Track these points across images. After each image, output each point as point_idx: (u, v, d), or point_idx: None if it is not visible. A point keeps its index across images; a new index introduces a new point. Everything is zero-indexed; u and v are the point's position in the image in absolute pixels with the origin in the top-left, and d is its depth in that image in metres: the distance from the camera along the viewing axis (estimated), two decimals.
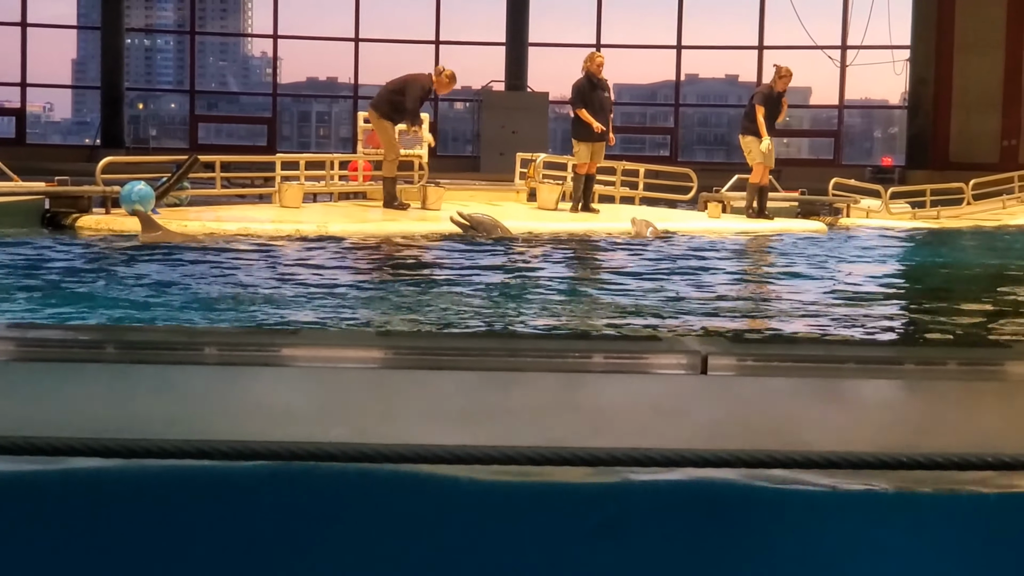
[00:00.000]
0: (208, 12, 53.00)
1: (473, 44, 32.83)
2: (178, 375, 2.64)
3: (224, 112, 36.50)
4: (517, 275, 10.95)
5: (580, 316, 8.62)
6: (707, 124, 43.14)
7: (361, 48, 32.38)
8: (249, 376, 2.67)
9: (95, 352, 2.79)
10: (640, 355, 2.83)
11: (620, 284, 10.51)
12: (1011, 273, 12.98)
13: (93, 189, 14.76)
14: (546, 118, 29.96)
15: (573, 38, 32.49)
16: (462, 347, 2.98)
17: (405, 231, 14.48)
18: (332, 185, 18.21)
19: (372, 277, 10.84)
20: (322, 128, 45.53)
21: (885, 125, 38.66)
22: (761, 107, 17.24)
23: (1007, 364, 2.92)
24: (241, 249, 12.24)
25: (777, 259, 13.33)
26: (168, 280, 9.74)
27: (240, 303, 8.60)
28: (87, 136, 32.44)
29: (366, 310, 8.53)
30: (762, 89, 17.82)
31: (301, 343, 2.91)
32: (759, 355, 2.87)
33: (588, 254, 13.78)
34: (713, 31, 47.41)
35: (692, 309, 8.98)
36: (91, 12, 34.06)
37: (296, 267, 11.03)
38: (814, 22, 33.70)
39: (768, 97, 17.41)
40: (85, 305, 8.40)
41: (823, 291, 10.37)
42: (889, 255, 15.02)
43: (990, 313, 9.46)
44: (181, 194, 16.18)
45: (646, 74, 39.82)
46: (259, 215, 15.23)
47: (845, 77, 31.40)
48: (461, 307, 8.69)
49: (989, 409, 2.58)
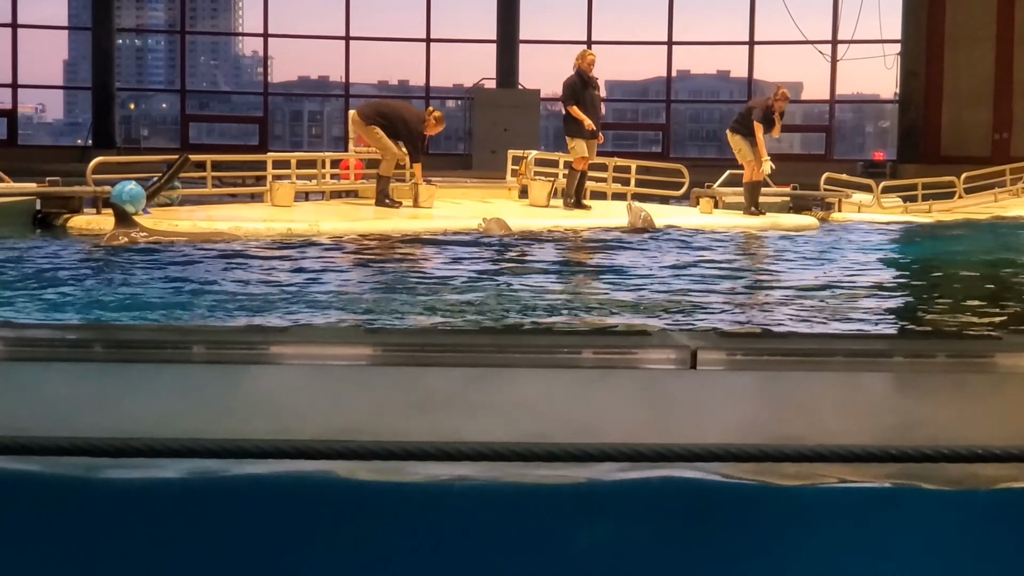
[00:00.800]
0: (199, 12, 52.92)
1: (464, 42, 32.82)
2: (166, 373, 2.64)
3: (215, 112, 36.46)
4: (507, 272, 10.94)
5: (570, 312, 8.62)
6: (699, 120, 43.19)
7: (352, 46, 32.39)
8: (237, 374, 2.66)
9: (83, 351, 2.78)
10: (630, 350, 2.83)
11: (610, 280, 10.52)
12: (1002, 266, 12.99)
13: (84, 190, 14.74)
14: (538, 115, 29.95)
15: (564, 35, 32.44)
16: (451, 343, 2.98)
17: (397, 229, 14.47)
18: (324, 184, 18.19)
19: (362, 275, 10.83)
20: (314, 127, 45.55)
21: (877, 119, 38.68)
22: (760, 125, 17.33)
23: (997, 356, 2.92)
24: (227, 248, 12.21)
25: (768, 254, 13.33)
26: (154, 279, 9.74)
27: (228, 301, 8.59)
28: (79, 137, 32.38)
29: (355, 307, 8.52)
30: (760, 104, 17.79)
31: (290, 340, 2.90)
32: (748, 349, 2.87)
33: (578, 250, 13.78)
34: (704, 27, 47.48)
35: (682, 304, 8.98)
36: (82, 13, 34.04)
37: (286, 265, 11.02)
38: (805, 17, 33.64)
39: (766, 115, 17.48)
40: (73, 304, 8.40)
41: (813, 285, 10.38)
42: (880, 249, 15.04)
43: (981, 306, 9.47)
44: (172, 194, 16.15)
45: (637, 71, 39.77)
46: (251, 214, 15.21)
47: (836, 72, 31.42)
48: (451, 303, 8.69)
49: (979, 401, 2.58)
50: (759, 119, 17.37)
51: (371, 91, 37.47)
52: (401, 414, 2.33)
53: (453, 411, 2.34)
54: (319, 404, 2.39)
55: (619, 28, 42.71)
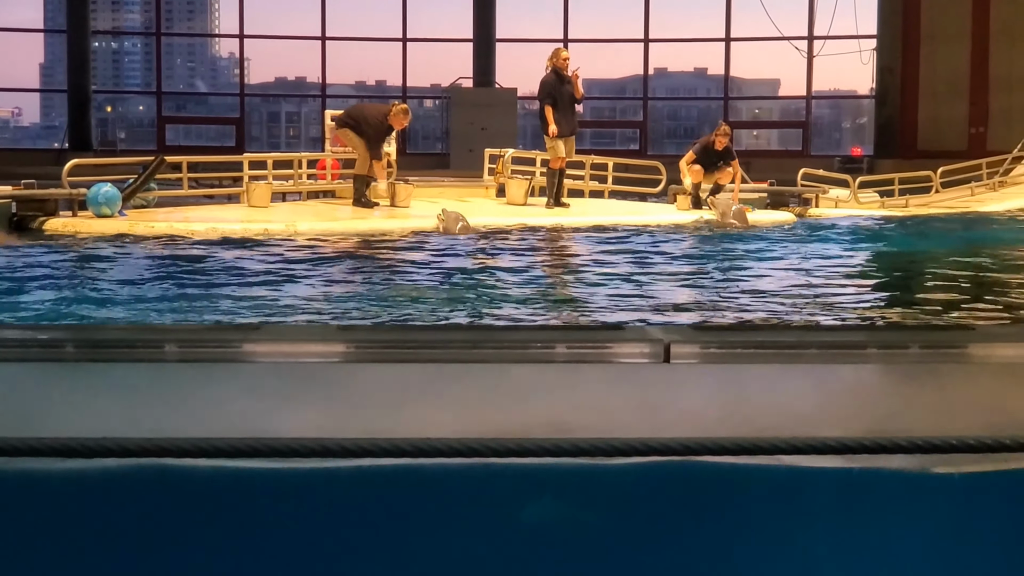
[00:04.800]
0: (175, 13, 52.76)
1: (440, 41, 32.84)
2: (139, 373, 2.63)
3: (192, 113, 36.39)
4: (483, 269, 10.96)
5: (545, 307, 8.63)
6: (676, 117, 43.20)
7: (329, 47, 32.36)
8: (210, 372, 2.65)
9: (54, 351, 2.77)
10: (603, 344, 2.83)
11: (585, 276, 10.54)
12: (977, 259, 13.03)
13: (59, 192, 14.71)
14: (515, 114, 29.97)
15: (540, 33, 32.48)
16: (425, 339, 2.97)
17: (374, 229, 14.46)
18: (300, 184, 18.18)
19: (336, 274, 10.81)
20: (291, 128, 45.43)
21: (854, 115, 38.78)
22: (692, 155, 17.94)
23: (970, 347, 2.93)
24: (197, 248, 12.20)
25: (745, 249, 13.34)
26: (125, 279, 9.72)
27: (201, 301, 8.58)
28: (55, 140, 32.27)
29: (329, 305, 8.52)
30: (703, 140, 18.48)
31: (262, 338, 2.89)
32: (722, 342, 2.87)
33: (555, 248, 13.79)
34: (681, 24, 47.52)
35: (656, 299, 9.00)
36: (57, 15, 33.92)
37: (261, 264, 11.00)
38: (781, 13, 33.78)
39: (705, 148, 18.00)
40: (46, 305, 8.37)
41: (788, 279, 10.41)
42: (856, 244, 15.07)
43: (954, 298, 9.51)
44: (148, 195, 16.13)
45: (615, 68, 39.84)
46: (227, 215, 15.18)
47: (812, 68, 31.51)
48: (426, 300, 8.69)
49: (953, 392, 2.59)
50: (696, 150, 18.03)
51: (348, 91, 37.48)
52: (373, 411, 2.32)
53: (427, 407, 2.34)
54: (292, 402, 2.38)
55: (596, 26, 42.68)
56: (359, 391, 2.50)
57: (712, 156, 17.78)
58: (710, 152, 17.81)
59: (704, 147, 17.97)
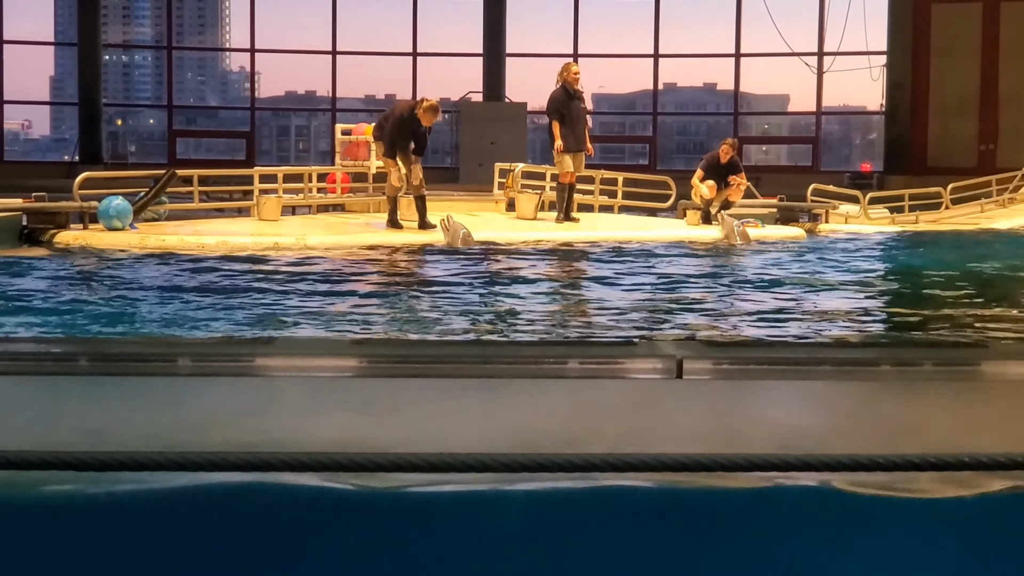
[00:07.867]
0: (186, 27, 52.82)
1: (451, 55, 32.84)
2: (152, 386, 2.63)
3: (203, 127, 36.44)
4: (495, 284, 10.95)
5: (556, 322, 8.62)
6: (686, 133, 43.18)
7: (339, 61, 32.40)
8: (224, 386, 2.65)
9: (68, 364, 2.77)
10: (616, 360, 2.82)
11: (596, 290, 10.52)
12: (988, 276, 13.01)
13: (70, 205, 14.73)
14: (525, 128, 29.97)
15: (550, 48, 32.48)
16: (437, 355, 2.97)
17: (383, 242, 14.47)
18: (311, 198, 18.20)
19: (348, 287, 10.81)
20: (301, 142, 45.46)
21: (863, 131, 38.75)
22: (701, 172, 17.93)
23: (983, 364, 2.92)
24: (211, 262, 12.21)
25: (755, 265, 13.33)
26: (136, 293, 9.73)
27: (213, 314, 8.58)
28: (66, 153, 32.33)
29: (342, 319, 8.52)
30: (709, 156, 18.52)
31: (276, 353, 2.89)
32: (734, 359, 2.87)
33: (566, 262, 13.78)
34: (690, 40, 47.47)
35: (668, 315, 8.99)
36: (68, 28, 34.02)
37: (273, 278, 11.00)
38: (790, 29, 33.77)
39: (711, 163, 18.05)
40: (58, 318, 8.38)
41: (800, 296, 10.39)
42: (868, 260, 15.05)
43: (967, 315, 9.48)
44: (159, 209, 16.15)
45: (624, 83, 39.74)
46: (238, 228, 15.20)
47: (822, 84, 31.50)
48: (438, 315, 8.69)
49: (966, 410, 2.58)
50: (703, 166, 18.05)
51: (358, 105, 37.47)
52: (387, 425, 2.32)
53: (439, 422, 2.34)
54: (305, 416, 2.38)
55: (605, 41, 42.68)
56: (371, 405, 2.50)
57: (719, 169, 17.80)
58: (717, 166, 17.85)
59: (710, 162, 18.02)
